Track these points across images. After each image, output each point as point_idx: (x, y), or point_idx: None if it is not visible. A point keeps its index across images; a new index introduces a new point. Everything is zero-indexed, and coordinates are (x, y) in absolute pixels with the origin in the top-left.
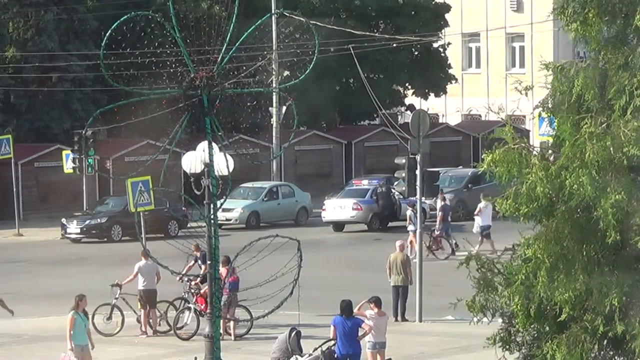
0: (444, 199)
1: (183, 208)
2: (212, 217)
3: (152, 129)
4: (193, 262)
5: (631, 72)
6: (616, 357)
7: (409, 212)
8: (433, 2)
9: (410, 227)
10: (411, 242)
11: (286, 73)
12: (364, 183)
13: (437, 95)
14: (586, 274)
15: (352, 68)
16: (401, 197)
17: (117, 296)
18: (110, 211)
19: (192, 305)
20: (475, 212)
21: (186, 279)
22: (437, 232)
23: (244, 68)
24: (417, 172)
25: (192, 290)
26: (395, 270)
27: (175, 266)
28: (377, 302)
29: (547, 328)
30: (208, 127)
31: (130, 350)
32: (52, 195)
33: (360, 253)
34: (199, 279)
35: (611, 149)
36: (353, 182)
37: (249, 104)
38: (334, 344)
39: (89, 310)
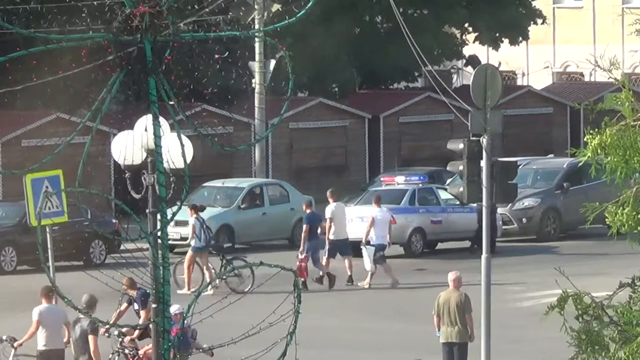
0: (308, 206)
1: (113, 220)
2: (159, 234)
3: (65, 95)
4: (127, 305)
5: None
6: None
7: (191, 221)
8: None
9: (194, 242)
10: (190, 266)
11: (276, 7)
12: (399, 181)
13: (513, 42)
14: None
15: (379, 0)
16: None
17: (10, 358)
18: None
19: None
20: (368, 226)
21: (116, 332)
22: (302, 256)
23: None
24: (483, 163)
25: (127, 351)
26: (447, 318)
27: (101, 312)
28: None
29: None
30: (153, 92)
31: None
32: None
33: (392, 291)
34: (136, 332)
35: None
36: (382, 179)
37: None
38: None
39: None
